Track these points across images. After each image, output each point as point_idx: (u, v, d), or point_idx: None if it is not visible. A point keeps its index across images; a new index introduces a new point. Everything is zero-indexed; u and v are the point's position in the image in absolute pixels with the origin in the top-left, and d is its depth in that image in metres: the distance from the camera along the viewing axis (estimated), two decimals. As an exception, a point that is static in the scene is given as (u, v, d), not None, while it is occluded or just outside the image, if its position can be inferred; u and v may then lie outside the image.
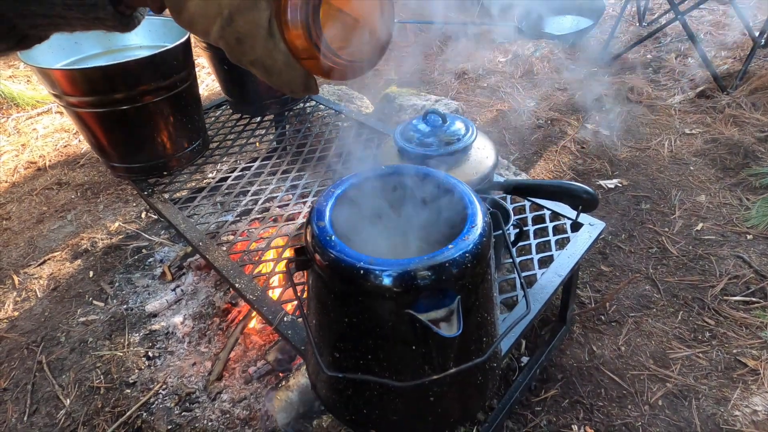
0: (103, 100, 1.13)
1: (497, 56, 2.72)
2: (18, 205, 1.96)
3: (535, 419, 1.09)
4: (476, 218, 0.57)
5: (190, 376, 1.22)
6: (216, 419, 1.11)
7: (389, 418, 0.62)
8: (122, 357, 1.30)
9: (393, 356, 0.57)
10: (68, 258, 1.66)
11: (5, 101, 2.62)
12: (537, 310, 0.87)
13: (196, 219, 1.17)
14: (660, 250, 1.47)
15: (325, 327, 0.61)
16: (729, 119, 1.97)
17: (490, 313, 0.61)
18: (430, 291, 0.50)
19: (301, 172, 1.31)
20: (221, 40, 0.38)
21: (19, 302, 1.52)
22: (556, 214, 1.08)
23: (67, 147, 2.31)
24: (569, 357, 1.21)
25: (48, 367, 1.30)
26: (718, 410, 1.07)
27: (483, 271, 0.56)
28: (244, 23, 0.37)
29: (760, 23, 2.27)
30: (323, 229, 0.56)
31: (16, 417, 1.20)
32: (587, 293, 1.36)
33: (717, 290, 1.33)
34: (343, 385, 0.63)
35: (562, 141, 1.99)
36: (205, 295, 1.42)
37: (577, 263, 0.96)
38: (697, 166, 1.79)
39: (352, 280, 0.52)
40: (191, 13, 0.37)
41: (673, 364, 1.17)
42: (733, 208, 1.58)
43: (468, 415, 0.68)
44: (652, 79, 2.38)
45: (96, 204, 1.91)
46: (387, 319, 0.54)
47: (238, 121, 1.58)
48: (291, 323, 0.86)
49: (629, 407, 1.10)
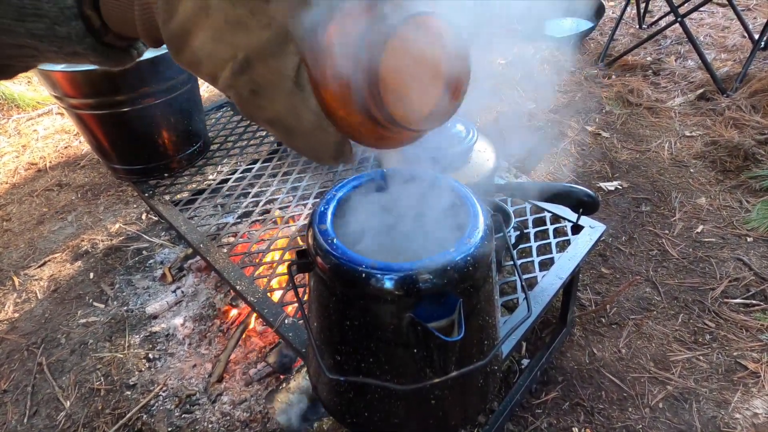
0: (104, 102, 1.14)
1: (497, 58, 2.72)
2: (18, 207, 1.96)
3: (536, 422, 1.08)
4: (478, 221, 0.57)
5: (191, 378, 1.22)
6: (216, 421, 1.11)
7: (390, 421, 0.62)
8: (122, 359, 1.30)
9: (394, 359, 0.57)
10: (69, 259, 1.66)
11: (6, 102, 2.62)
12: (538, 313, 0.87)
13: (196, 221, 1.17)
14: (660, 252, 1.48)
15: (326, 330, 0.61)
16: (729, 121, 1.97)
17: (491, 316, 0.61)
18: (432, 294, 0.50)
19: (302, 174, 1.31)
20: (231, 89, 0.29)
21: (20, 303, 1.52)
22: (557, 216, 1.08)
23: (68, 148, 2.31)
24: (570, 359, 1.21)
25: (48, 368, 1.30)
26: (719, 413, 1.07)
27: (484, 274, 0.56)
28: (265, 71, 0.28)
29: (759, 25, 2.27)
30: (325, 232, 0.56)
31: (16, 419, 1.19)
32: (588, 295, 1.36)
33: (717, 293, 1.33)
34: (344, 388, 0.63)
35: (562, 143, 2.00)
36: (205, 296, 1.42)
37: (578, 266, 0.96)
38: (697, 169, 1.79)
39: (354, 283, 0.52)
40: (194, 53, 0.29)
41: (674, 366, 1.17)
42: (734, 210, 1.59)
43: (469, 418, 0.68)
44: (652, 81, 2.38)
45: (96, 205, 1.91)
46: (388, 322, 0.54)
47: (239, 122, 1.59)
48: (292, 325, 0.86)
49: (630, 410, 1.10)
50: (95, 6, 0.30)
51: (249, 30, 0.27)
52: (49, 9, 0.29)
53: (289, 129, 0.31)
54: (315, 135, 0.31)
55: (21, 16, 0.29)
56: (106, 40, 0.33)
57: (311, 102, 0.30)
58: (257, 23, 0.27)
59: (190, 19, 0.28)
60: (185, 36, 0.28)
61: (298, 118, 0.30)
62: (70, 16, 0.30)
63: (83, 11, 0.30)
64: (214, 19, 0.27)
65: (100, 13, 0.31)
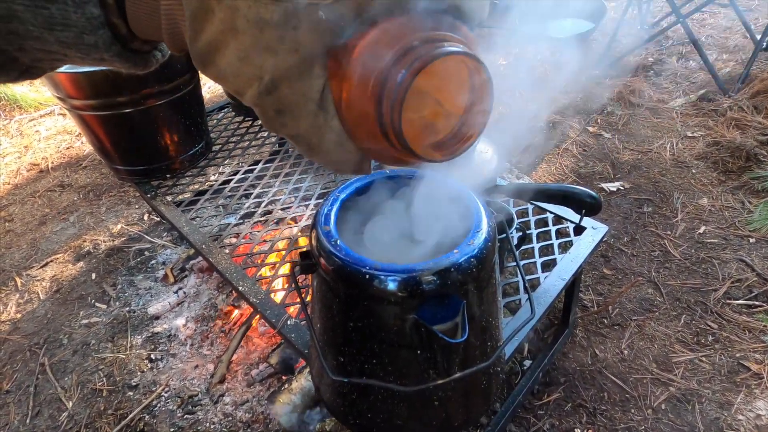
0: (106, 103, 1.14)
1: (498, 59, 2.72)
2: (20, 207, 1.97)
3: (538, 423, 1.08)
4: (481, 223, 0.57)
5: (193, 379, 1.22)
6: (218, 422, 1.11)
7: (393, 422, 0.62)
8: (125, 359, 1.30)
9: (397, 361, 0.57)
10: (71, 260, 1.66)
11: (8, 103, 2.63)
12: (541, 314, 0.87)
13: (198, 221, 1.17)
14: (662, 253, 1.47)
15: (329, 331, 0.61)
16: (731, 122, 1.97)
17: (494, 318, 0.61)
18: (435, 296, 0.50)
19: (304, 175, 1.31)
20: (256, 107, 0.30)
21: (22, 304, 1.52)
22: (559, 217, 1.08)
23: (70, 149, 2.32)
24: (572, 360, 1.21)
25: (50, 369, 1.30)
26: (722, 414, 1.07)
27: (488, 275, 0.56)
28: (290, 93, 0.29)
29: (761, 26, 2.27)
30: (328, 234, 0.56)
31: (18, 419, 1.20)
32: (590, 296, 1.36)
33: (720, 294, 1.33)
34: (348, 389, 0.63)
35: (564, 144, 2.00)
36: (207, 297, 1.42)
37: (580, 267, 0.96)
38: (699, 169, 1.78)
39: (357, 284, 0.52)
40: (220, 70, 0.29)
41: (676, 367, 1.17)
42: (736, 211, 1.58)
43: (472, 419, 0.68)
44: (653, 81, 2.38)
45: (98, 206, 1.91)
46: (392, 323, 0.54)
47: (241, 123, 1.59)
48: (294, 326, 0.86)
49: (632, 411, 1.09)
50: (122, 14, 0.31)
51: (276, 54, 0.27)
52: (77, 19, 0.29)
53: (311, 146, 0.32)
54: (336, 153, 0.32)
55: (50, 25, 0.29)
56: (133, 47, 0.33)
57: (334, 123, 0.31)
58: (285, 48, 0.27)
59: (217, 38, 0.28)
60: (212, 54, 0.28)
61: (320, 137, 0.31)
62: (97, 25, 0.30)
63: (110, 20, 0.30)
64: (241, 41, 0.27)
65: (126, 21, 0.31)
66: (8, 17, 0.29)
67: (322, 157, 0.33)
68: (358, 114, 0.30)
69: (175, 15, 0.29)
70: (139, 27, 0.31)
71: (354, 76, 0.29)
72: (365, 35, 0.28)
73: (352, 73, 0.29)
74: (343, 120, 0.31)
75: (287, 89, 0.29)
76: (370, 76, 0.29)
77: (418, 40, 0.28)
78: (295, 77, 0.28)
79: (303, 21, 0.27)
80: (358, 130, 0.31)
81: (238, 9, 0.26)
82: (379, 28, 0.28)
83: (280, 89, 0.28)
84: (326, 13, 0.27)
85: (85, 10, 0.29)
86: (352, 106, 0.30)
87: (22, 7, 0.28)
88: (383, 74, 0.28)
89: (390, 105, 0.28)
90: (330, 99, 0.30)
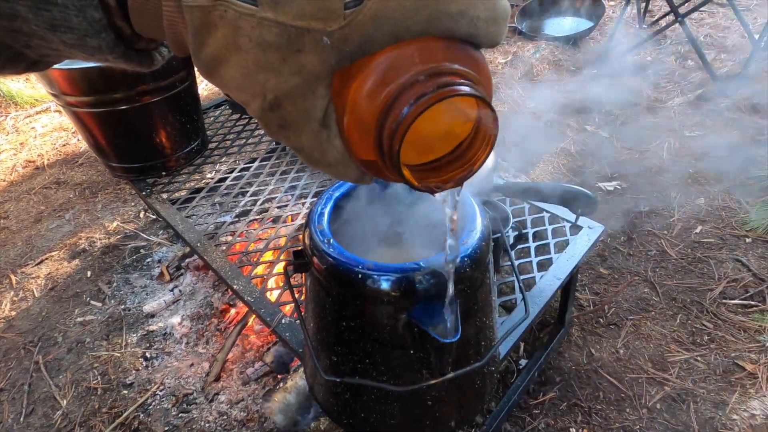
0: (101, 100, 1.13)
1: (497, 57, 2.72)
2: (16, 204, 1.96)
3: (534, 422, 1.08)
4: (475, 222, 0.56)
5: (188, 377, 1.21)
6: (213, 420, 1.11)
7: (387, 422, 0.62)
8: (119, 357, 1.29)
9: (391, 360, 0.57)
10: (66, 258, 1.65)
11: (4, 100, 2.61)
12: (536, 314, 0.87)
13: (194, 219, 1.16)
14: (659, 252, 1.47)
15: (322, 330, 0.60)
16: (728, 122, 1.97)
17: (488, 318, 0.61)
18: (428, 296, 0.50)
19: (300, 173, 1.31)
20: (260, 120, 0.30)
21: (17, 302, 1.51)
22: (555, 216, 1.07)
23: (66, 146, 2.31)
24: (568, 360, 1.21)
25: (45, 367, 1.30)
26: (716, 414, 1.07)
27: (482, 275, 0.56)
28: (293, 110, 0.29)
29: (759, 26, 2.27)
30: (321, 233, 0.55)
31: (12, 417, 1.19)
32: (586, 296, 1.36)
33: (716, 293, 1.33)
34: (341, 389, 0.63)
35: (561, 143, 1.99)
36: (203, 295, 1.41)
37: (576, 266, 0.96)
38: (696, 169, 1.78)
39: (350, 284, 0.52)
40: (224, 82, 0.29)
41: (672, 367, 1.17)
42: (732, 211, 1.58)
43: (466, 419, 0.67)
44: (651, 81, 2.38)
45: (94, 203, 1.91)
46: (385, 323, 0.53)
47: (237, 121, 1.58)
48: (289, 325, 0.85)
49: (627, 410, 1.09)
50: (125, 16, 0.30)
51: (279, 74, 0.27)
52: (78, 23, 0.29)
53: (313, 159, 0.32)
54: (338, 167, 0.33)
55: (53, 27, 0.29)
56: (138, 47, 0.33)
57: (336, 142, 0.31)
58: (288, 69, 0.27)
59: (220, 53, 0.28)
60: (216, 67, 0.28)
61: (322, 152, 0.31)
62: (99, 29, 0.29)
63: (113, 22, 0.30)
64: (243, 59, 0.27)
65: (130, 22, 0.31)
66: (12, 16, 0.28)
67: (323, 168, 0.33)
68: (358, 139, 0.30)
69: (177, 25, 0.29)
70: (143, 29, 0.31)
71: (355, 103, 0.28)
72: (370, 61, 0.27)
73: (354, 100, 0.28)
74: (344, 140, 0.31)
75: (290, 107, 0.29)
76: (371, 105, 0.28)
77: (424, 74, 0.27)
78: (298, 97, 0.28)
79: (307, 44, 0.27)
80: (358, 152, 0.31)
81: (240, 28, 0.26)
82: (385, 55, 0.27)
83: (284, 107, 0.29)
84: (331, 39, 0.26)
85: (86, 14, 0.29)
86: (352, 131, 0.30)
87: (25, 8, 0.28)
88: (385, 107, 0.28)
89: (390, 138, 0.28)
90: (333, 117, 0.30)
